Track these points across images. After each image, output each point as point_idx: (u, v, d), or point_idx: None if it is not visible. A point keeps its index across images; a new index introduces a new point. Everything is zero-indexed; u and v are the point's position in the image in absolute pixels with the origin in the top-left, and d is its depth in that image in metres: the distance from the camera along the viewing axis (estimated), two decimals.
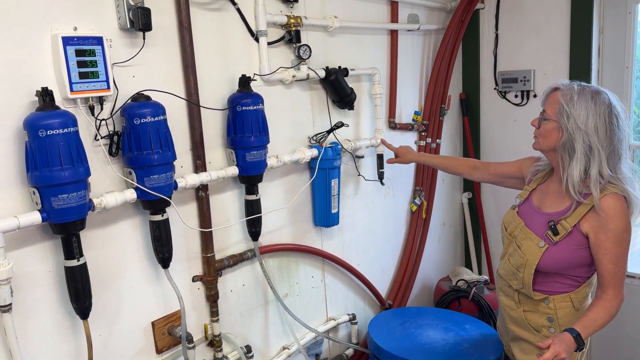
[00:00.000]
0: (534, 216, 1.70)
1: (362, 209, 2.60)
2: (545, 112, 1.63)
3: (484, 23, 3.09)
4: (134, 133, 1.52)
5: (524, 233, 1.69)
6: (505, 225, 1.80)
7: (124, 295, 1.67)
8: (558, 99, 1.57)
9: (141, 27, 1.54)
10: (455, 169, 2.20)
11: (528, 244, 1.66)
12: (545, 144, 1.63)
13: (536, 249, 1.64)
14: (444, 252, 3.27)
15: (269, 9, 1.96)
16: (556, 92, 1.60)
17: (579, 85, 1.58)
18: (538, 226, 1.66)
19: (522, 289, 1.70)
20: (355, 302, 2.63)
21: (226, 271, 1.96)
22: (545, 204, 1.69)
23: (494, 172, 2.03)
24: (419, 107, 2.88)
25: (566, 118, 1.54)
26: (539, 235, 1.64)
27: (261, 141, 1.87)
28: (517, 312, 1.75)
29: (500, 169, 2.01)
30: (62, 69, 1.41)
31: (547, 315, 1.68)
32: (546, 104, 1.63)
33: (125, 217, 1.65)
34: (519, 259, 1.68)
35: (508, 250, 1.77)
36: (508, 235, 1.77)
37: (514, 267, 1.71)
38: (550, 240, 1.62)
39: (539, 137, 1.65)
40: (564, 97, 1.56)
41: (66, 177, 1.35)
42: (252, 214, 1.95)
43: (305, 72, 2.11)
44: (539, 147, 1.67)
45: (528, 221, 1.70)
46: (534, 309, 1.70)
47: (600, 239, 1.55)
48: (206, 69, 1.81)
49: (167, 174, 1.59)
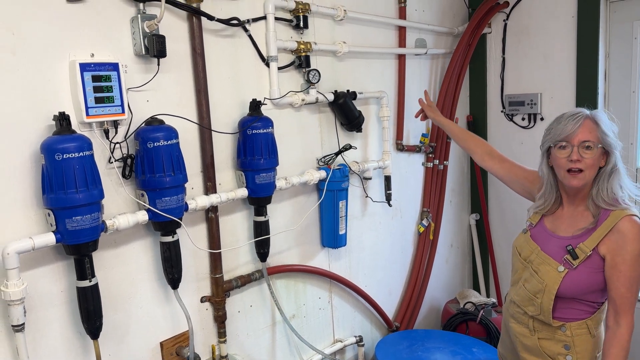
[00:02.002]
0: (550, 240, 1.67)
1: (369, 230, 2.62)
2: (586, 142, 1.56)
3: (491, 47, 3.13)
4: (147, 156, 1.56)
5: (541, 258, 1.66)
6: (519, 249, 1.76)
7: (134, 316, 1.69)
8: (593, 125, 1.57)
9: (156, 53, 1.59)
10: (469, 145, 2.10)
11: (546, 269, 1.63)
12: (591, 175, 1.58)
13: (555, 274, 1.61)
14: (452, 273, 3.27)
15: (279, 35, 2.01)
16: (588, 120, 1.58)
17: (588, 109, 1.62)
18: (555, 250, 1.64)
19: (539, 315, 1.66)
20: (363, 323, 2.63)
21: (234, 292, 1.98)
22: (560, 228, 1.68)
23: (508, 167, 1.95)
24: (426, 129, 2.91)
25: (607, 140, 1.56)
26: (558, 260, 1.62)
27: (271, 163, 1.90)
28: (531, 340, 1.70)
29: (515, 169, 1.94)
30: (79, 94, 1.46)
31: (564, 343, 1.64)
32: (582, 134, 1.56)
33: (137, 238, 1.68)
34: (537, 284, 1.65)
35: (522, 276, 1.72)
36: (522, 260, 1.73)
37: (530, 293, 1.67)
38: (569, 265, 1.59)
39: (587, 169, 1.56)
40: (599, 120, 1.57)
41: (81, 200, 1.39)
42: (261, 235, 1.97)
43: (314, 96, 2.15)
44: (584, 181, 1.58)
45: (544, 245, 1.68)
46: (550, 336, 1.66)
47: (616, 261, 1.54)
48: (218, 93, 1.85)
49: (178, 196, 1.62)
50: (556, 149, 1.60)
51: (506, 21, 3.04)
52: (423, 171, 2.93)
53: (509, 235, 3.15)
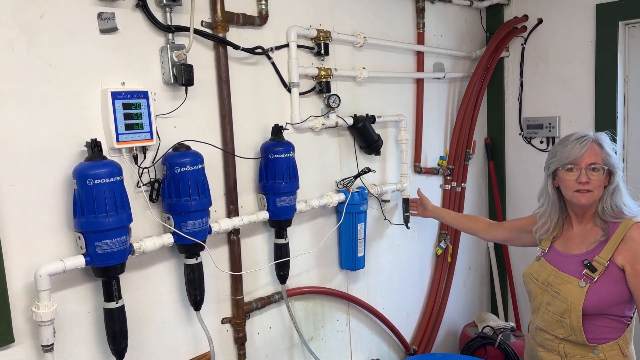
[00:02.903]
0: (565, 260, 1.70)
1: (387, 252, 2.63)
2: (594, 164, 1.64)
3: (509, 71, 3.16)
4: (174, 181, 1.61)
5: (560, 278, 1.68)
6: (535, 276, 1.78)
7: (157, 336, 1.73)
8: (598, 149, 1.66)
9: (184, 82, 1.64)
10: (469, 226, 2.28)
11: (568, 287, 1.64)
12: (599, 194, 1.66)
13: (578, 291, 1.62)
14: (470, 296, 3.25)
15: (301, 62, 2.06)
16: (593, 144, 1.66)
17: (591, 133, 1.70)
18: (572, 268, 1.66)
19: (570, 336, 1.65)
20: (380, 346, 2.63)
21: (254, 313, 2.00)
22: (572, 247, 1.71)
23: (508, 227, 2.10)
24: (444, 151, 2.93)
25: (613, 160, 1.65)
26: (577, 276, 1.64)
27: (291, 187, 1.94)
28: None
29: (515, 223, 2.08)
30: (110, 121, 1.51)
31: None
32: (589, 157, 1.65)
33: (161, 260, 1.72)
34: (561, 304, 1.65)
35: (543, 300, 1.73)
36: (541, 284, 1.74)
37: (557, 315, 1.67)
38: (589, 279, 1.61)
39: (595, 189, 1.65)
40: (601, 145, 1.66)
41: (110, 224, 1.43)
42: (281, 258, 2.00)
43: (334, 120, 2.19)
44: (593, 199, 1.66)
45: (560, 266, 1.70)
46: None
47: (636, 270, 1.56)
48: (241, 119, 1.90)
49: (203, 219, 1.66)
50: (564, 172, 1.68)
51: (524, 45, 3.07)
52: (441, 193, 2.95)
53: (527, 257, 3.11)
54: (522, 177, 3.19)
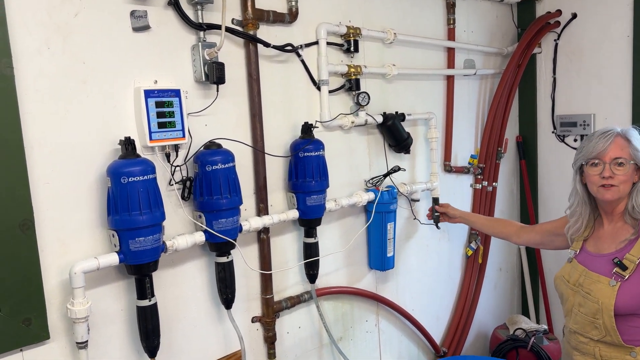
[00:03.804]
0: (595, 260, 1.66)
1: (417, 252, 2.59)
2: (619, 159, 1.61)
3: (541, 67, 3.08)
4: (205, 179, 1.61)
5: (590, 278, 1.64)
6: (566, 278, 1.74)
7: (188, 335, 1.73)
8: (625, 142, 1.62)
9: (215, 80, 1.64)
10: (500, 230, 2.23)
11: (598, 287, 1.61)
12: (625, 189, 1.62)
13: (609, 290, 1.58)
14: (501, 298, 3.18)
15: (330, 59, 2.04)
16: (619, 138, 1.63)
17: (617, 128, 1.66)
18: (603, 267, 1.63)
19: (605, 337, 1.60)
20: (409, 348, 2.59)
21: (284, 313, 1.99)
22: (602, 247, 1.67)
23: (540, 230, 2.05)
24: (475, 150, 2.88)
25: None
26: (607, 275, 1.60)
27: (321, 186, 1.92)
28: None
29: (546, 226, 2.03)
30: (143, 119, 1.52)
31: None
32: (613, 151, 1.62)
33: (192, 258, 1.72)
34: (593, 305, 1.61)
35: (575, 302, 1.69)
36: (572, 285, 1.70)
37: (589, 317, 1.63)
38: (620, 277, 1.57)
39: (621, 184, 1.61)
40: (631, 137, 1.63)
41: (144, 221, 1.43)
42: (311, 257, 1.98)
43: (363, 118, 2.16)
44: (618, 195, 1.63)
45: (591, 266, 1.67)
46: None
47: None
48: (271, 117, 1.89)
49: (234, 217, 1.66)
50: (588, 167, 1.66)
51: (557, 41, 2.99)
52: (471, 193, 2.89)
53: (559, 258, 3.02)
54: (555, 177, 3.10)
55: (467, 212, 2.51)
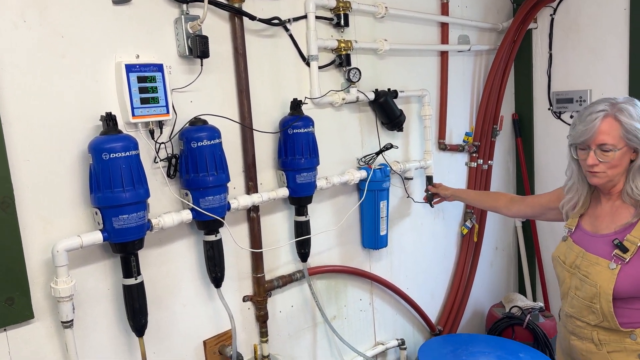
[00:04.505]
0: (594, 241, 1.58)
1: (411, 231, 2.57)
2: (605, 145, 1.49)
3: (537, 43, 3.03)
4: (191, 156, 1.58)
5: (588, 260, 1.56)
6: (562, 258, 1.66)
7: (178, 314, 1.71)
8: (615, 124, 1.48)
9: (199, 54, 1.60)
10: (490, 204, 2.20)
11: (597, 270, 1.52)
12: (615, 173, 1.52)
13: (608, 273, 1.50)
14: (497, 277, 3.17)
15: (320, 34, 2.00)
16: (608, 118, 1.49)
17: (610, 102, 1.51)
18: (602, 249, 1.54)
19: (602, 322, 1.53)
20: (404, 326, 2.58)
21: (275, 292, 1.97)
22: (600, 226, 1.59)
23: (531, 203, 1.99)
24: (470, 127, 2.84)
25: (634, 137, 1.47)
26: (607, 258, 1.52)
27: (311, 163, 1.89)
28: (600, 356, 1.56)
29: (539, 200, 1.96)
30: (125, 94, 1.48)
31: (638, 352, 1.51)
32: (599, 136, 1.50)
33: (180, 236, 1.70)
34: (591, 288, 1.53)
35: (571, 284, 1.61)
36: (568, 267, 1.62)
37: (586, 301, 1.55)
38: (621, 260, 1.49)
39: (609, 169, 1.51)
40: (623, 117, 1.48)
41: (127, 199, 1.41)
42: (302, 235, 1.96)
43: (354, 95, 2.12)
44: (606, 179, 1.53)
45: (589, 247, 1.58)
46: (619, 347, 1.53)
47: None
48: (259, 93, 1.85)
49: (221, 195, 1.63)
50: (578, 150, 1.58)
51: (553, 16, 2.93)
52: (466, 171, 2.86)
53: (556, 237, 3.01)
54: (551, 154, 3.07)
55: (458, 188, 2.48)
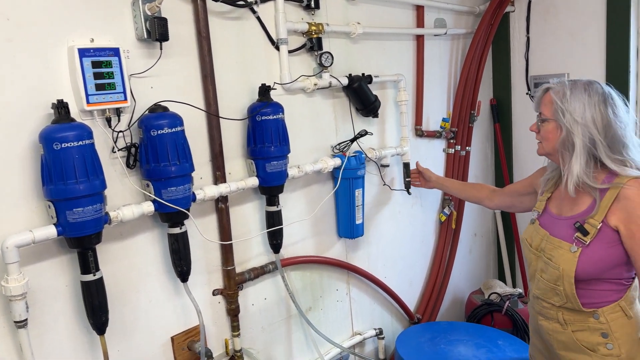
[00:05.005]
0: (557, 224, 1.59)
1: (388, 219, 2.52)
2: (541, 115, 1.58)
3: (515, 26, 2.98)
4: (151, 145, 1.50)
5: (552, 243, 1.58)
6: (529, 241, 1.68)
7: (143, 310, 1.64)
8: (552, 98, 1.54)
9: (158, 37, 1.52)
10: (473, 195, 2.19)
11: (559, 253, 1.54)
12: (549, 146, 1.57)
13: (570, 256, 1.52)
14: (476, 263, 3.15)
15: (289, 16, 1.92)
16: (549, 93, 1.56)
17: (570, 81, 1.55)
18: (564, 232, 1.56)
19: (566, 303, 1.56)
20: (383, 316, 2.55)
21: (247, 284, 1.91)
22: (564, 209, 1.60)
23: (509, 192, 2.01)
24: (447, 113, 2.79)
25: (562, 114, 1.50)
26: (569, 241, 1.53)
27: (281, 151, 1.82)
28: (565, 335, 1.60)
29: (514, 187, 1.99)
30: (78, 80, 1.39)
31: (600, 331, 1.54)
32: (541, 107, 1.59)
33: (144, 229, 1.62)
34: (554, 271, 1.56)
35: (537, 267, 1.64)
36: (534, 250, 1.65)
37: (550, 283, 1.58)
38: (581, 243, 1.50)
39: (542, 140, 1.59)
40: (557, 95, 1.52)
41: (81, 191, 1.33)
42: (273, 226, 1.90)
43: (327, 80, 2.06)
44: (543, 151, 1.61)
45: (552, 230, 1.60)
46: (583, 327, 1.56)
47: (632, 230, 1.44)
48: (226, 79, 1.78)
49: (184, 185, 1.56)
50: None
51: None
52: (444, 158, 2.82)
53: None
54: (529, 140, 3.02)
55: (442, 177, 2.45)
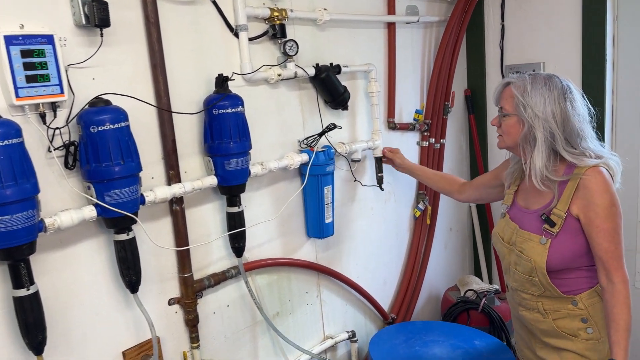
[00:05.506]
0: (525, 217, 1.63)
1: (360, 217, 2.41)
2: (503, 109, 1.60)
3: (489, 14, 2.89)
4: (91, 142, 1.35)
5: (522, 236, 1.61)
6: (501, 235, 1.72)
7: (89, 324, 1.49)
8: (512, 93, 1.55)
9: (98, 22, 1.36)
10: (443, 186, 2.17)
11: (530, 245, 1.58)
12: (510, 140, 1.60)
13: (540, 248, 1.55)
14: (452, 259, 3.07)
15: (249, 1, 1.78)
16: (509, 87, 1.58)
17: (530, 75, 1.56)
18: (533, 224, 1.59)
19: (544, 292, 1.59)
20: (355, 317, 2.44)
21: (207, 292, 1.78)
22: (531, 202, 1.63)
23: (476, 185, 2.02)
24: (420, 105, 2.69)
25: (523, 109, 1.52)
26: (538, 233, 1.57)
27: (242, 147, 1.68)
28: (546, 324, 1.63)
29: (482, 180, 2.01)
30: (5, 72, 1.24)
31: (580, 317, 1.57)
32: (502, 101, 1.61)
33: (88, 236, 1.47)
34: (526, 263, 1.59)
35: (511, 260, 1.67)
36: (506, 244, 1.68)
37: (525, 275, 1.61)
38: (550, 234, 1.54)
39: (503, 134, 1.62)
40: (517, 89, 1.54)
41: (9, 196, 1.18)
42: (235, 228, 1.77)
43: (292, 70, 1.92)
44: (503, 144, 1.64)
45: (521, 223, 1.63)
46: (563, 314, 1.59)
47: (590, 218, 1.48)
48: (179, 69, 1.63)
49: (131, 187, 1.41)
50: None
51: None
52: (418, 151, 2.72)
53: None
54: None
55: (413, 164, 2.35)
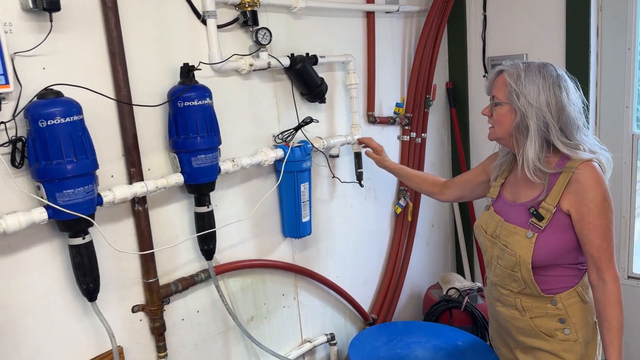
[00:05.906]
0: (512, 210, 1.58)
1: (339, 214, 2.31)
2: (495, 98, 1.54)
3: (471, 4, 2.81)
4: (40, 138, 1.22)
5: (507, 229, 1.56)
6: (484, 227, 1.66)
7: (44, 336, 1.37)
8: (506, 81, 1.50)
9: (46, 6, 1.24)
10: (425, 187, 2.08)
11: (515, 239, 1.53)
12: (501, 131, 1.54)
13: (526, 242, 1.50)
14: (433, 256, 3.00)
15: None
16: (502, 75, 1.53)
17: (524, 63, 1.51)
18: (519, 217, 1.55)
19: (524, 289, 1.55)
20: (335, 319, 2.35)
21: (175, 297, 1.66)
22: (519, 195, 1.59)
23: (459, 182, 1.96)
24: (400, 98, 2.60)
25: (517, 97, 1.46)
26: (524, 226, 1.52)
27: (210, 143, 1.57)
28: (523, 322, 1.59)
29: (466, 177, 1.94)
30: None
31: (558, 317, 1.54)
32: (494, 90, 1.55)
33: (40, 240, 1.35)
34: (511, 258, 1.54)
35: (493, 254, 1.62)
36: (489, 237, 1.63)
37: (507, 269, 1.56)
38: (537, 228, 1.50)
39: (495, 125, 1.56)
40: (511, 77, 1.49)
41: None
42: (204, 229, 1.65)
43: (265, 60, 1.81)
44: (494, 136, 1.58)
45: (507, 216, 1.59)
46: (541, 313, 1.56)
47: (582, 213, 1.45)
48: (140, 58, 1.51)
49: (85, 187, 1.28)
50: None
51: None
52: (399, 145, 2.63)
53: None
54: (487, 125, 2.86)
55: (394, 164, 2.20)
